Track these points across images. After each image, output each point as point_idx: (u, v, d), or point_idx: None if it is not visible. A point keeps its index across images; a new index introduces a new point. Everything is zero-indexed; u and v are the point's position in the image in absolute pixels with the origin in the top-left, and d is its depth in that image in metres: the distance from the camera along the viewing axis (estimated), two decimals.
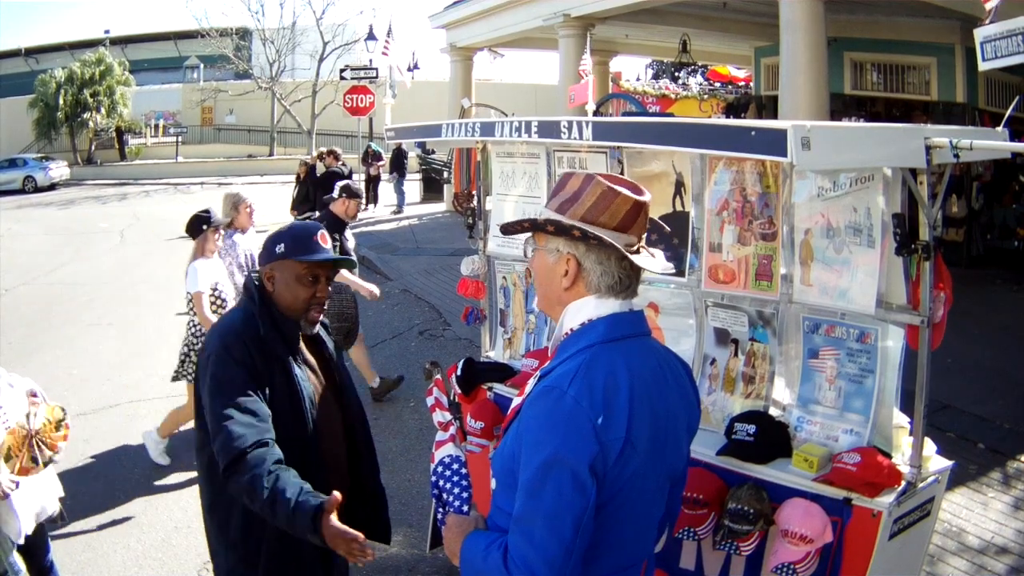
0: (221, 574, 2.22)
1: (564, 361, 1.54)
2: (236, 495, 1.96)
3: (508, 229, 1.72)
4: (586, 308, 1.58)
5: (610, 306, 1.58)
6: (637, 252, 1.58)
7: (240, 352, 2.04)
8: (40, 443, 2.89)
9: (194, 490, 4.59)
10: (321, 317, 2.28)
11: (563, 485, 1.41)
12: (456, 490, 1.80)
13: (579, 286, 1.59)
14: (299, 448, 2.08)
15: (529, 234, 1.68)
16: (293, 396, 2.11)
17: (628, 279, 1.59)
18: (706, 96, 18.07)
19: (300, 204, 11.72)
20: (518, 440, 1.50)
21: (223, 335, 2.10)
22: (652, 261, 1.61)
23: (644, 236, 1.63)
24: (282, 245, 2.17)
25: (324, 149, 12.01)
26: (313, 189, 11.38)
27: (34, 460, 2.90)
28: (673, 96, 18.11)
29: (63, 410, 3.03)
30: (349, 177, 11.62)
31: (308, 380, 2.20)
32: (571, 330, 1.59)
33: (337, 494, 1.83)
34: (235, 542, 2.13)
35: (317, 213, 7.20)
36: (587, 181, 1.59)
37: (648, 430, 1.51)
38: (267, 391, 2.07)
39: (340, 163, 11.40)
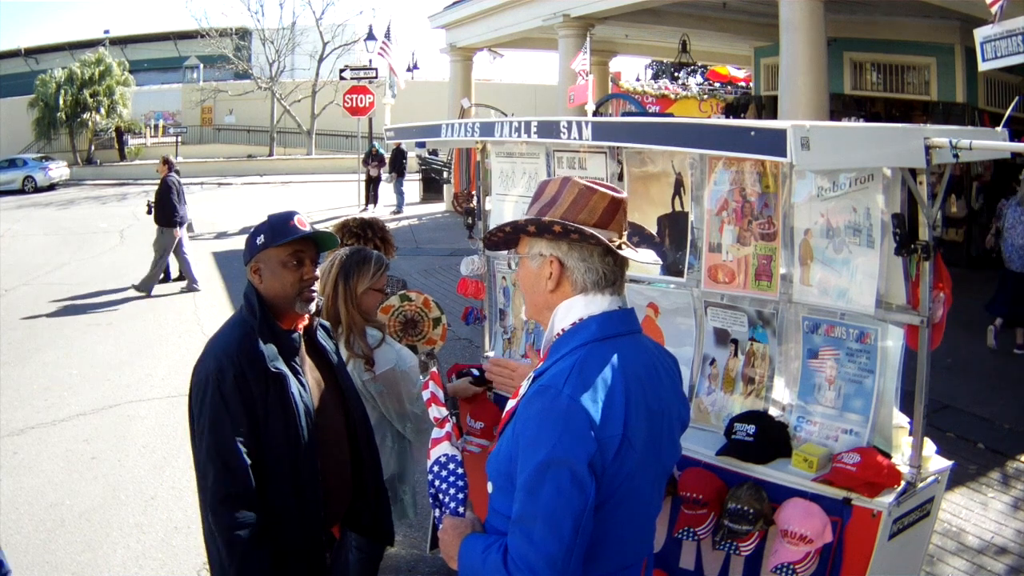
0: None
1: (557, 361, 1.55)
2: (210, 532, 2.08)
3: (490, 240, 1.73)
4: (576, 307, 1.59)
5: (600, 304, 1.59)
6: (619, 248, 1.60)
7: (231, 384, 2.03)
8: (418, 333, 3.20)
9: (194, 491, 4.58)
10: (316, 300, 2.21)
11: (562, 484, 1.40)
12: (452, 491, 1.78)
13: (565, 287, 1.60)
14: (291, 465, 2.10)
15: (509, 250, 1.69)
16: (288, 415, 2.10)
17: (613, 274, 1.60)
18: (706, 96, 18.10)
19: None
20: (515, 442, 1.50)
21: (218, 358, 2.07)
22: (637, 254, 1.63)
23: (625, 234, 1.64)
24: (262, 236, 2.15)
25: (163, 157, 11.12)
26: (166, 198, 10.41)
27: (412, 348, 3.11)
28: (673, 96, 18.14)
29: (440, 308, 3.25)
30: (178, 188, 10.43)
31: (307, 392, 2.18)
32: (562, 330, 1.60)
33: None
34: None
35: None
36: (563, 184, 1.62)
37: (644, 427, 1.52)
38: (262, 413, 2.07)
39: (171, 172, 10.58)
